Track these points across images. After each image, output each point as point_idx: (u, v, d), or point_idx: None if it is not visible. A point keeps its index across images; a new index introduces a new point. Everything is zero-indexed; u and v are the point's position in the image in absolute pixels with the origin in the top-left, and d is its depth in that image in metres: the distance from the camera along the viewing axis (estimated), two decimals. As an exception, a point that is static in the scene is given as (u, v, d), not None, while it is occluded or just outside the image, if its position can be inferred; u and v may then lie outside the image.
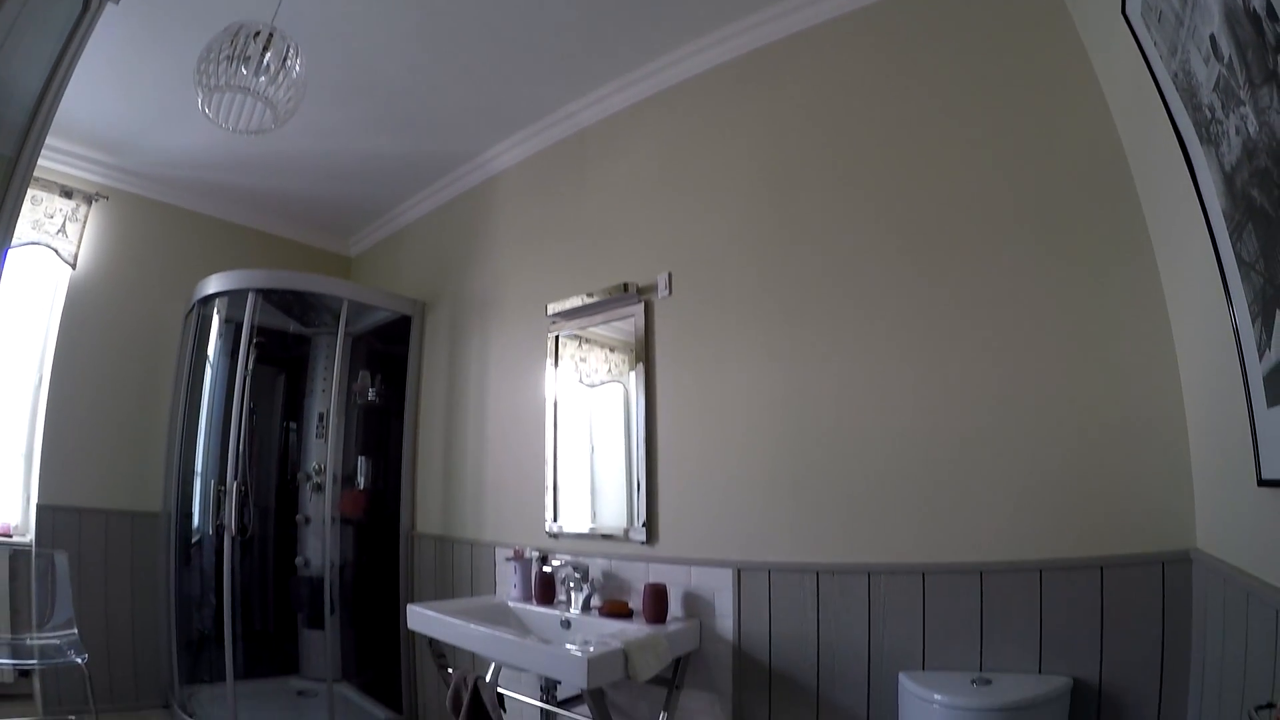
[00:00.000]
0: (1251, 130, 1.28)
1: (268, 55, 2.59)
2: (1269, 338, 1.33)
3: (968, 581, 2.35)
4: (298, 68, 2.68)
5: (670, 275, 3.30)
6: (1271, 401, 1.36)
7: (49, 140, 1.65)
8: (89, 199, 4.65)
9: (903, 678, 2.32)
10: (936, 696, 2.12)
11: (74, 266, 4.60)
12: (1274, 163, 1.22)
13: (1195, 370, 1.95)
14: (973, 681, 2.17)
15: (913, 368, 2.55)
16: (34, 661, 3.92)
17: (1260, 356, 1.39)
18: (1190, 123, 1.55)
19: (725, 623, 2.92)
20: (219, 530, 4.38)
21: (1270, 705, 1.29)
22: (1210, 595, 1.84)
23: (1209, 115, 1.45)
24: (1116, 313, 2.18)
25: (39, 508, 4.44)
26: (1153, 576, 2.04)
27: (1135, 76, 1.87)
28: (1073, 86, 2.32)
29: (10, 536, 4.41)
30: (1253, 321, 1.40)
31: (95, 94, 3.84)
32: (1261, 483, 1.44)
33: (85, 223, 4.65)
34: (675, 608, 3.05)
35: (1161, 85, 1.67)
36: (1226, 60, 1.32)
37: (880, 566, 2.55)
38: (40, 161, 1.69)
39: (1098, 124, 2.25)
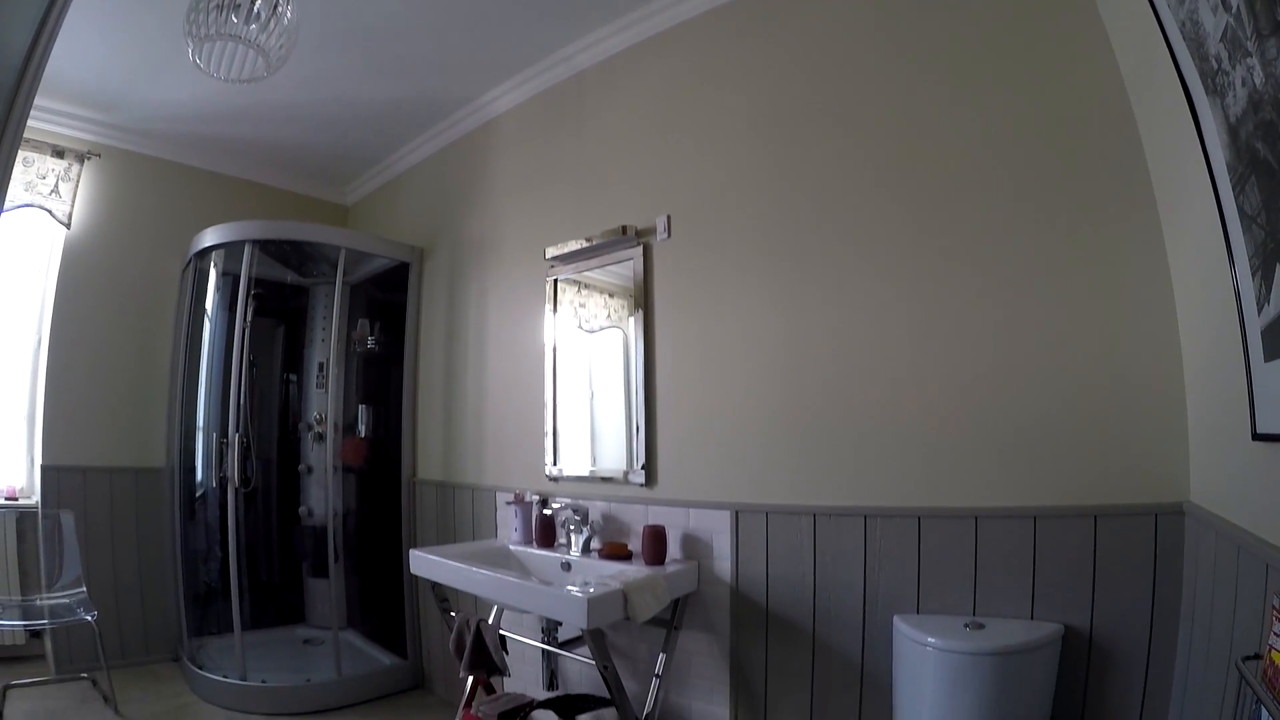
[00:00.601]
0: (1258, 82, 1.25)
1: (258, 2, 2.56)
2: (1268, 291, 1.32)
3: (963, 526, 2.36)
4: (289, 14, 2.64)
5: (669, 218, 3.26)
6: (1269, 355, 1.35)
7: (38, 100, 1.63)
8: (81, 158, 4.63)
9: (897, 620, 2.35)
10: (930, 639, 2.14)
11: (68, 226, 4.59)
12: (1279, 115, 1.20)
13: (1194, 322, 1.93)
14: (966, 626, 2.19)
15: (912, 313, 2.52)
16: (44, 621, 3.98)
17: (1259, 310, 1.37)
18: (1196, 73, 1.52)
19: (723, 564, 2.95)
20: (222, 483, 4.42)
21: (1257, 656, 1.30)
22: (1202, 548, 1.85)
23: (1215, 66, 1.41)
24: (1117, 263, 2.14)
25: (43, 469, 4.49)
26: (1146, 528, 2.05)
27: (1142, 24, 1.83)
28: (1078, 34, 2.25)
29: (16, 499, 4.46)
30: (1253, 275, 1.38)
31: (83, 50, 3.78)
32: (1256, 437, 1.43)
33: (78, 182, 4.63)
34: (674, 549, 3.07)
35: (1168, 34, 1.63)
36: (1234, 10, 1.29)
37: (877, 510, 2.55)
38: (30, 122, 1.67)
39: (1103, 72, 2.18)
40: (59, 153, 4.52)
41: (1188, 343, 1.99)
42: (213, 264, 4.78)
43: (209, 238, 4.54)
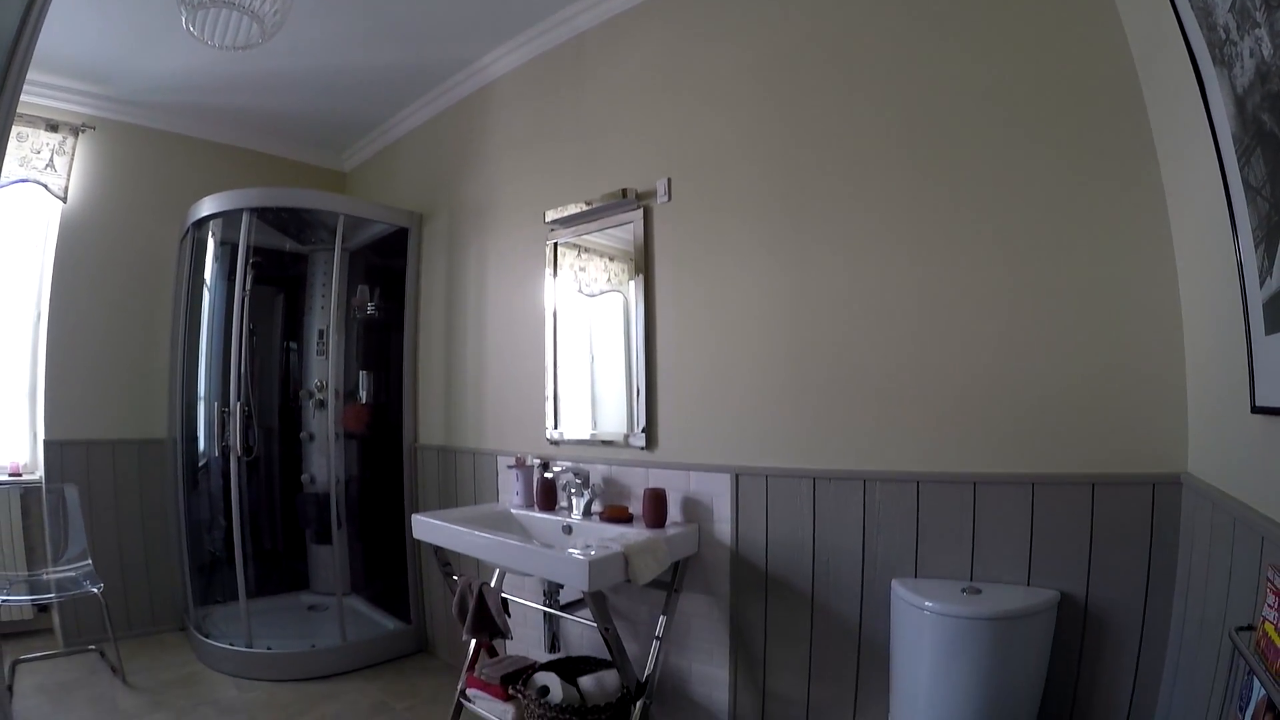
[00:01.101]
0: (1266, 53, 1.23)
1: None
2: (1271, 265, 1.30)
3: (961, 492, 2.36)
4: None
5: (669, 181, 3.22)
6: (1270, 329, 1.34)
7: (30, 74, 1.61)
8: (75, 131, 4.59)
9: (895, 584, 2.36)
10: (928, 604, 2.15)
11: (65, 200, 4.58)
12: (1288, 87, 1.18)
13: (1195, 294, 1.91)
14: (963, 590, 2.20)
15: (913, 281, 2.49)
16: (51, 595, 4.03)
17: (1261, 283, 1.36)
18: (1204, 43, 1.49)
19: (723, 527, 2.96)
20: (225, 452, 4.43)
21: (1250, 627, 1.30)
22: (1198, 519, 1.85)
23: (1224, 36, 1.39)
24: (1120, 233, 2.11)
25: (46, 444, 4.51)
26: (1143, 497, 2.05)
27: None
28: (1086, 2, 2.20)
29: (20, 475, 4.48)
30: (1255, 247, 1.37)
31: (75, 22, 3.73)
32: (1255, 410, 1.42)
33: (73, 155, 4.60)
34: (674, 512, 3.08)
35: (1176, 3, 1.59)
36: (1243, -20, 1.27)
37: (876, 474, 2.55)
38: (23, 96, 1.65)
39: (1110, 38, 2.13)
40: (53, 126, 4.49)
41: (1189, 314, 1.97)
42: (211, 233, 4.75)
43: (206, 207, 4.51)
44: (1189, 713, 1.77)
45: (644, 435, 3.24)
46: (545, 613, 3.38)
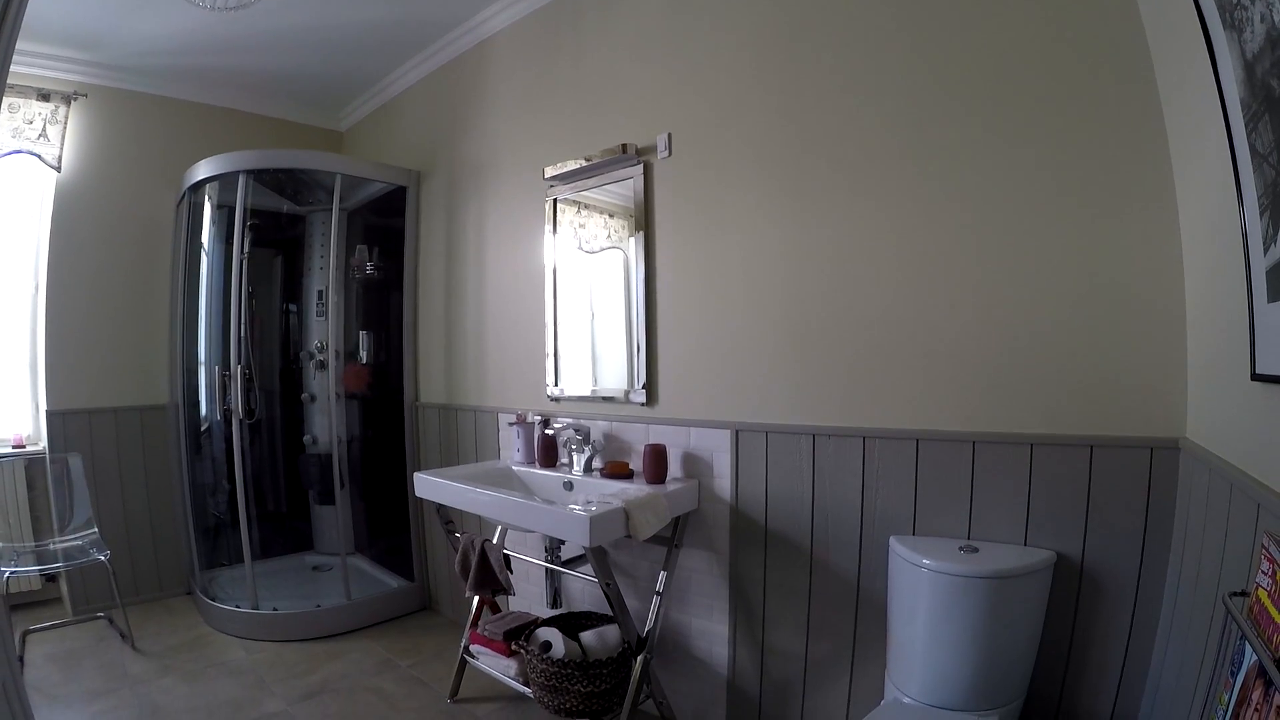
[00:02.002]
0: (1276, 18, 1.20)
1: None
2: (1275, 232, 1.29)
3: (960, 450, 2.35)
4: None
5: (670, 136, 3.17)
6: (1272, 296, 1.33)
7: (19, 43, 1.59)
8: (67, 99, 4.53)
9: (893, 541, 2.37)
10: (925, 561, 2.17)
11: (59, 170, 4.53)
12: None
13: (1198, 259, 1.88)
14: (960, 549, 2.21)
15: (916, 236, 2.45)
16: (59, 565, 4.06)
17: (1265, 250, 1.34)
18: (1214, 6, 1.46)
19: (723, 483, 2.96)
20: (226, 416, 4.41)
21: (1244, 593, 1.31)
22: (1195, 484, 1.85)
23: (1234, 0, 1.36)
24: (1124, 194, 2.07)
25: (48, 414, 4.52)
26: (1140, 461, 2.04)
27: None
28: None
29: (24, 446, 4.49)
30: (1260, 214, 1.35)
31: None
32: (1255, 377, 1.41)
33: (66, 124, 4.54)
34: (675, 468, 3.09)
35: None
36: (1255, -57, 1.23)
37: (876, 431, 2.55)
38: (13, 66, 1.62)
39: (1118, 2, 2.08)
40: (44, 95, 4.43)
41: (1191, 279, 1.95)
42: (207, 197, 4.72)
43: (202, 170, 4.47)
44: (1181, 675, 1.78)
45: (644, 391, 3.23)
46: (547, 569, 3.40)
